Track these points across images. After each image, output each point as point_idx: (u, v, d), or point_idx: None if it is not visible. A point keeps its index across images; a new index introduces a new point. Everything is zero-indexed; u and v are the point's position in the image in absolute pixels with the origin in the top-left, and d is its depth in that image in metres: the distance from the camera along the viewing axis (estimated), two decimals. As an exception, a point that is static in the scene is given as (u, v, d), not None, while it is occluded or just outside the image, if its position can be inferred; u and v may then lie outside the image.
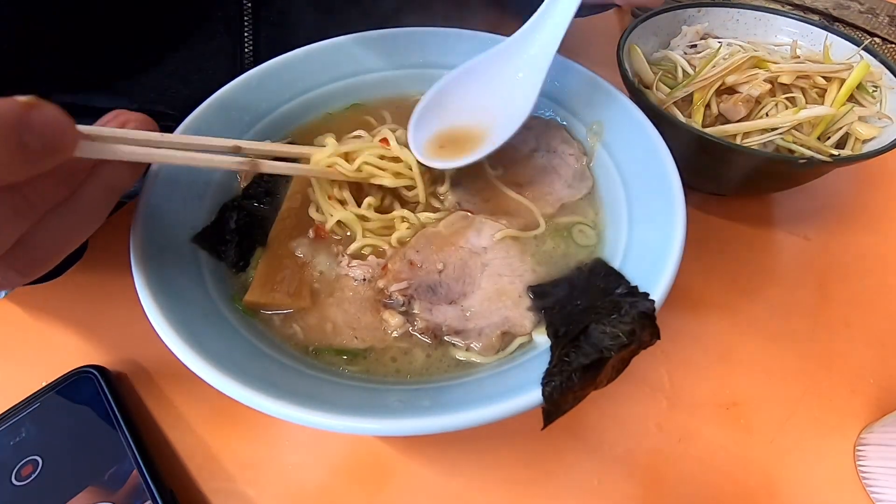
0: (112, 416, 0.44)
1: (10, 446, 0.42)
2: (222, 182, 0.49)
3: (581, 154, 0.52)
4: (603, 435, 0.46)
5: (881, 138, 0.55)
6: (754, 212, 0.63)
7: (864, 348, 0.51)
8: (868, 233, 0.62)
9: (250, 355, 0.37)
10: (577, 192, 0.50)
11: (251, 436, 0.45)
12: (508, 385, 0.35)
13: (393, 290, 0.42)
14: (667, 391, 0.48)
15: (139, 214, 0.41)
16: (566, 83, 0.54)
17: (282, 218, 0.47)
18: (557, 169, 0.52)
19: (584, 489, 0.43)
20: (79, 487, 0.40)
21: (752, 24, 0.69)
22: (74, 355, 0.48)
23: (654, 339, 0.35)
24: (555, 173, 0.52)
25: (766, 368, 0.50)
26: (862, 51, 0.61)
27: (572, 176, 0.51)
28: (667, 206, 0.41)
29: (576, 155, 0.52)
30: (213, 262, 0.44)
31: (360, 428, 0.31)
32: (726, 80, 0.59)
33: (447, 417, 0.31)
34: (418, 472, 0.44)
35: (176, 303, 0.36)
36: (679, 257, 0.37)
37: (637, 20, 0.65)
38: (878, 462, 0.43)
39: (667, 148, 0.45)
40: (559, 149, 0.53)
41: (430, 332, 0.41)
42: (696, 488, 0.43)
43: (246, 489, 0.42)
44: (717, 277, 0.56)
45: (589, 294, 0.40)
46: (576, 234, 0.47)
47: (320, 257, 0.45)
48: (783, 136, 0.55)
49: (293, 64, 0.55)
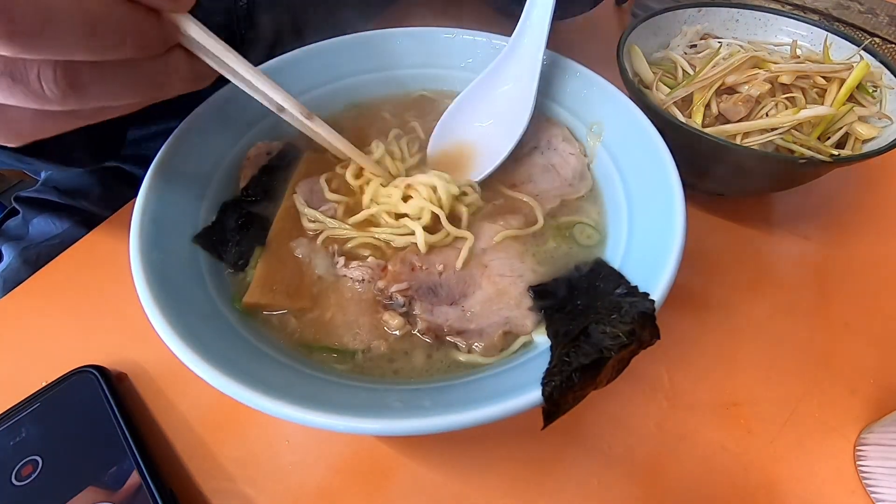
0: (112, 416, 0.44)
1: (10, 446, 0.42)
2: (222, 182, 0.49)
3: (582, 154, 0.52)
4: (603, 435, 0.46)
5: (881, 138, 0.55)
6: (754, 212, 0.63)
7: (864, 348, 0.51)
8: (868, 233, 0.62)
9: (250, 355, 0.37)
10: (576, 191, 0.51)
11: (251, 436, 0.45)
12: (508, 385, 0.35)
13: (393, 290, 0.42)
14: (667, 391, 0.48)
15: (139, 214, 0.41)
16: (566, 83, 0.55)
17: (281, 218, 0.47)
18: (557, 167, 0.52)
19: (584, 489, 0.43)
20: (79, 487, 0.40)
21: (752, 24, 0.69)
22: (74, 355, 0.48)
23: (654, 338, 0.35)
24: (555, 171, 0.52)
25: (766, 368, 0.50)
26: (862, 51, 0.61)
27: (572, 175, 0.51)
28: (667, 206, 0.41)
29: (577, 154, 0.52)
30: (213, 262, 0.44)
31: (360, 428, 0.31)
32: (726, 80, 0.59)
33: (447, 417, 0.31)
34: (418, 472, 0.44)
35: (176, 303, 0.36)
36: (679, 257, 0.37)
37: (637, 20, 0.65)
38: (878, 462, 0.43)
39: (667, 148, 0.45)
40: (560, 147, 0.53)
41: (432, 332, 0.41)
42: (696, 488, 0.43)
43: (246, 489, 0.42)
44: (717, 277, 0.56)
45: (589, 294, 0.40)
46: (577, 234, 0.47)
47: (320, 257, 0.45)
48: (783, 136, 0.55)
49: (293, 64, 0.55)
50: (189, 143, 0.47)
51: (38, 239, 0.70)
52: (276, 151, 0.52)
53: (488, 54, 0.56)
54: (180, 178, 0.45)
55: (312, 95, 0.56)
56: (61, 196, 0.72)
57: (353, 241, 0.46)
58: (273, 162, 0.51)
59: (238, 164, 0.51)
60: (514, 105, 0.52)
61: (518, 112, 0.52)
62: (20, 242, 0.68)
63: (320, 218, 0.47)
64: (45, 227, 0.71)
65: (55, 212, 0.71)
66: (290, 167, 0.51)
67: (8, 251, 0.68)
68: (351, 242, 0.46)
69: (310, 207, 0.47)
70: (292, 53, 0.55)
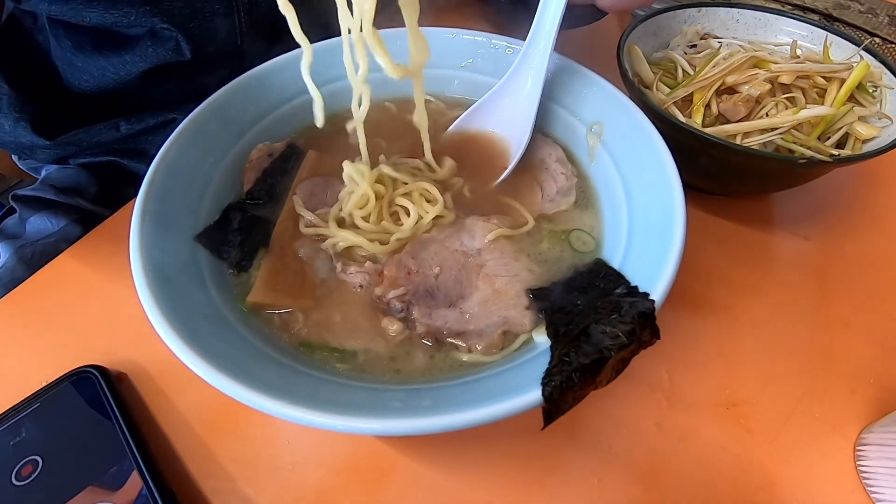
0: (112, 416, 0.44)
1: (10, 446, 0.42)
2: (222, 181, 0.49)
3: (573, 175, 0.52)
4: (603, 435, 0.46)
5: (881, 138, 0.55)
6: (754, 212, 0.63)
7: (864, 348, 0.51)
8: (868, 233, 0.62)
9: (250, 355, 0.37)
10: (556, 206, 0.50)
11: (251, 436, 0.45)
12: (508, 385, 0.35)
13: (390, 297, 0.42)
14: (666, 391, 0.48)
15: (139, 213, 0.41)
16: (566, 83, 0.55)
17: (284, 218, 0.47)
18: (544, 185, 0.52)
19: (584, 489, 0.43)
20: (79, 487, 0.40)
21: (752, 24, 0.69)
22: (74, 355, 0.48)
23: (654, 338, 0.35)
24: (539, 189, 0.51)
25: (766, 368, 0.50)
26: (862, 51, 0.61)
27: (556, 192, 0.51)
28: (667, 206, 0.41)
29: (567, 174, 0.52)
30: (214, 262, 0.44)
31: (360, 428, 0.31)
32: (726, 80, 0.59)
33: (447, 417, 0.31)
34: (418, 472, 0.44)
35: (176, 303, 0.36)
36: (679, 257, 0.37)
37: (637, 20, 0.65)
38: (878, 462, 0.43)
39: (667, 148, 0.45)
40: (552, 167, 0.53)
41: (432, 335, 0.41)
42: (696, 488, 0.43)
43: (246, 489, 0.42)
44: (717, 277, 0.56)
45: (589, 294, 0.40)
46: (574, 241, 0.47)
47: (322, 258, 0.45)
48: (783, 136, 0.55)
49: (293, 64, 0.55)
50: (189, 142, 0.47)
51: (34, 237, 0.70)
52: (278, 153, 0.52)
53: (489, 54, 0.56)
54: (180, 178, 0.45)
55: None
56: (58, 194, 0.72)
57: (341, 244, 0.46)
58: (276, 164, 0.51)
59: (239, 163, 0.51)
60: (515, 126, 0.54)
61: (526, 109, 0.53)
62: (16, 241, 0.68)
63: (315, 221, 0.47)
64: (42, 226, 0.71)
65: (52, 210, 0.71)
66: (293, 168, 0.51)
67: (4, 250, 0.68)
68: (338, 246, 0.46)
69: (307, 209, 0.47)
70: (292, 53, 0.55)
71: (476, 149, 0.55)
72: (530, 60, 0.53)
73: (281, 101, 0.54)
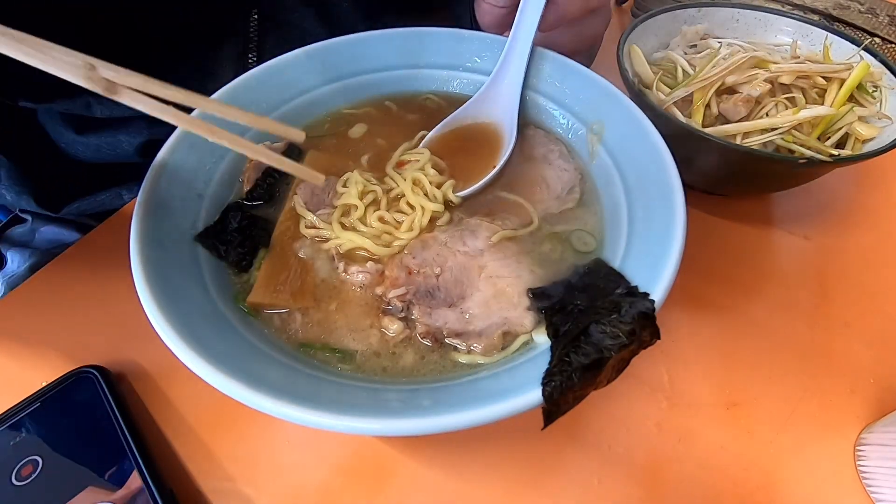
0: (112, 416, 0.44)
1: (10, 446, 0.42)
2: (222, 181, 0.49)
3: (577, 171, 0.52)
4: (603, 435, 0.46)
5: (881, 138, 0.55)
6: (754, 212, 0.63)
7: (864, 348, 0.51)
8: (868, 233, 0.62)
9: (250, 355, 0.37)
10: (562, 204, 0.50)
11: (251, 435, 0.45)
12: (508, 385, 0.34)
13: (391, 296, 0.42)
14: (667, 391, 0.48)
15: (139, 214, 0.41)
16: (566, 83, 0.55)
17: (285, 218, 0.47)
18: (549, 181, 0.51)
19: (584, 489, 0.43)
20: (79, 487, 0.40)
21: (752, 24, 0.69)
22: (74, 355, 0.48)
23: (654, 338, 0.35)
24: (545, 185, 0.51)
25: (766, 368, 0.50)
26: (862, 51, 0.61)
27: (562, 189, 0.51)
28: (667, 206, 0.41)
29: (570, 171, 0.52)
30: (214, 262, 0.44)
31: (360, 428, 0.31)
32: (726, 80, 0.59)
33: (447, 417, 0.31)
34: (418, 472, 0.44)
35: (176, 303, 0.36)
36: (679, 257, 0.37)
37: (637, 20, 0.65)
38: (878, 462, 0.43)
39: (667, 148, 0.44)
40: (556, 163, 0.52)
41: (431, 335, 0.41)
42: (696, 488, 0.43)
43: (245, 489, 0.42)
44: (717, 277, 0.56)
45: (589, 294, 0.40)
46: (575, 241, 0.47)
47: (322, 258, 0.45)
48: (783, 136, 0.55)
49: (293, 64, 0.55)
50: (189, 142, 0.47)
51: (44, 246, 0.71)
52: (278, 153, 0.52)
53: (495, 54, 0.56)
54: (180, 178, 0.45)
55: (313, 95, 0.56)
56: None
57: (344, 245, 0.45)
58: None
59: (239, 163, 0.51)
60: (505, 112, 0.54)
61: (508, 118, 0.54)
62: (26, 249, 0.68)
63: (317, 223, 0.47)
64: (53, 237, 0.71)
65: (64, 224, 0.72)
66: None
67: (14, 257, 0.68)
68: (343, 247, 0.45)
69: (308, 210, 0.47)
70: (293, 53, 0.55)
71: (473, 141, 0.54)
72: (515, 45, 0.54)
73: (281, 101, 0.54)
